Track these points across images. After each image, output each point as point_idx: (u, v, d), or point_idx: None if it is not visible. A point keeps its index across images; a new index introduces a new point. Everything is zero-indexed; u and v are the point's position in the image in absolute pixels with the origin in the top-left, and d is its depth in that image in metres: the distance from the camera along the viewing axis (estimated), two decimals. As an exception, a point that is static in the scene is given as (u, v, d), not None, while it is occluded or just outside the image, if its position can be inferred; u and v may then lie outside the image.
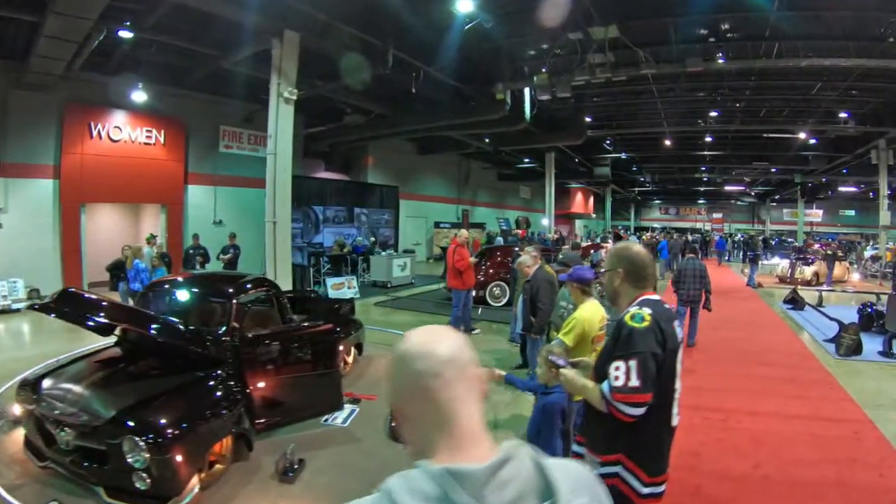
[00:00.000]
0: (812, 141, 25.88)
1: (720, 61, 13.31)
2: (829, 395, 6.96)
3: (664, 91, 18.86)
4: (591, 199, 49.77)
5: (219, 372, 4.76)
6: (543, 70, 14.58)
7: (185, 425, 3.95)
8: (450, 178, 31.13)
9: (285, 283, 11.28)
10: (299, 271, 16.56)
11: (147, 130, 15.96)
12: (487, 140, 24.27)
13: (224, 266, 14.52)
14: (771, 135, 25.35)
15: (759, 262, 20.18)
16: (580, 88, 19.09)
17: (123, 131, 15.44)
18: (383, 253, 19.10)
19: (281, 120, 11.87)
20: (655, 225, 57.26)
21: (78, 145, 14.46)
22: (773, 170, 35.56)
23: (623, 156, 32.35)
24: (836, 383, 7.44)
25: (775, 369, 8.11)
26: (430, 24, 12.20)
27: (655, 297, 2.48)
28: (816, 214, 50.49)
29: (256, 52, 12.43)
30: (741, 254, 34.53)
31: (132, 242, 12.23)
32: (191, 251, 14.36)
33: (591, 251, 15.89)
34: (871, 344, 9.26)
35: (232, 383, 4.76)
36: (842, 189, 42.45)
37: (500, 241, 26.43)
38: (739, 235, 43.04)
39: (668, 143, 25.63)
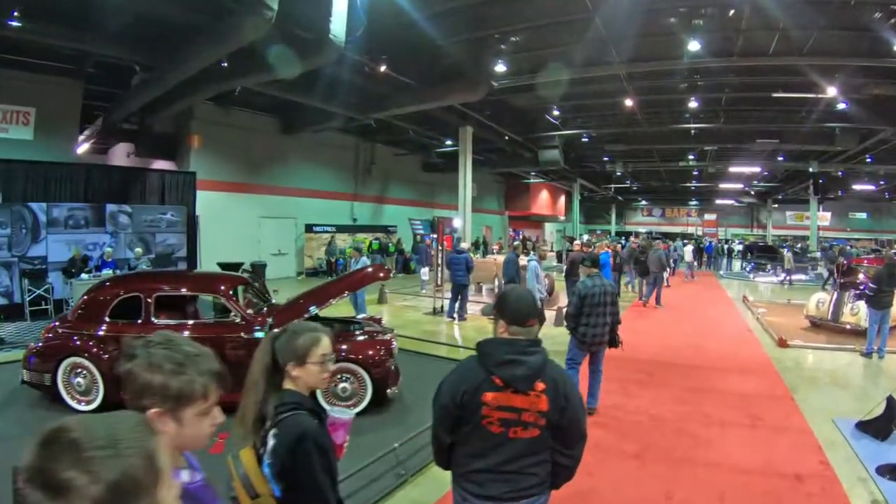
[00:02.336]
0: (841, 105, 16.80)
1: None
2: None
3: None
4: (562, 199, 40.65)
5: None
6: None
7: None
8: (343, 167, 22.23)
9: None
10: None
11: None
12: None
13: None
14: (784, 94, 16.23)
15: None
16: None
17: None
18: (85, 276, 10.57)
19: None
20: (640, 229, 48.37)
21: None
22: (780, 157, 26.55)
23: (584, 138, 23.31)
24: None
25: None
26: None
27: None
28: (825, 217, 42.04)
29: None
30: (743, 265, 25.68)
31: None
32: None
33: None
34: None
35: None
36: (855, 187, 35.51)
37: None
38: (738, 242, 34.02)
39: (629, 102, 16.53)
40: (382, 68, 13.25)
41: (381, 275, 6.65)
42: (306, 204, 20.30)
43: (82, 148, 22.31)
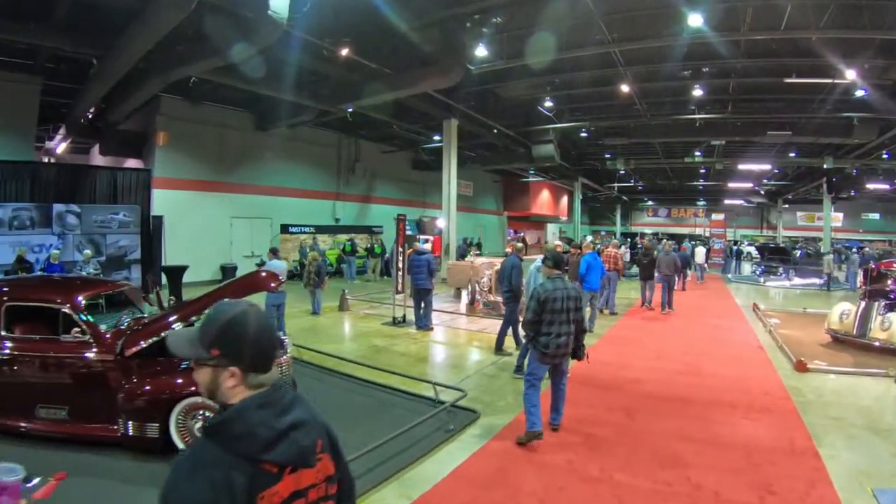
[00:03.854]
0: (860, 92, 15.04)
1: None
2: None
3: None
4: (565, 199, 38.83)
5: None
6: None
7: None
8: (324, 164, 20.70)
9: None
10: None
11: None
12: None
13: None
14: (797, 79, 14.44)
15: None
16: None
17: None
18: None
19: None
20: (646, 230, 46.48)
21: None
22: (791, 153, 24.66)
23: (582, 132, 21.64)
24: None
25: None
26: None
27: None
28: (837, 218, 40.23)
29: None
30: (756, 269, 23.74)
31: None
32: None
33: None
34: None
35: None
36: (868, 186, 32.62)
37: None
38: (746, 243, 32.06)
39: (626, 88, 14.83)
40: (344, 52, 11.69)
41: (273, 284, 5.05)
42: (284, 203, 18.79)
43: (61, 147, 21.06)
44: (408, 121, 18.26)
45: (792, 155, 24.88)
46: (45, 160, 21.27)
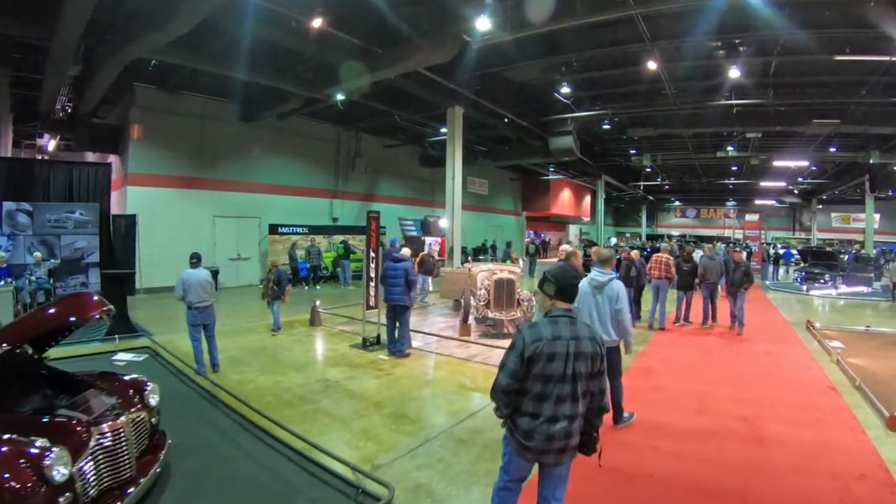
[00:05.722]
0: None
1: None
2: None
3: None
4: (587, 199, 36.44)
5: None
6: None
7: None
8: (321, 160, 18.91)
9: None
10: None
11: None
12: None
13: None
14: (850, 57, 12.12)
15: None
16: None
17: None
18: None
19: None
20: (673, 232, 43.83)
21: None
22: (832, 148, 22.13)
23: (605, 124, 19.42)
24: None
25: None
26: None
27: None
28: (874, 219, 36.78)
29: None
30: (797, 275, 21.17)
31: None
32: None
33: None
34: None
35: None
36: None
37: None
38: (780, 245, 29.48)
39: (653, 65, 12.63)
40: (316, 24, 9.77)
41: (95, 314, 3.26)
42: (274, 202, 17.06)
43: (52, 145, 19.73)
44: (410, 111, 16.38)
45: (832, 149, 22.28)
46: (40, 158, 20.11)
